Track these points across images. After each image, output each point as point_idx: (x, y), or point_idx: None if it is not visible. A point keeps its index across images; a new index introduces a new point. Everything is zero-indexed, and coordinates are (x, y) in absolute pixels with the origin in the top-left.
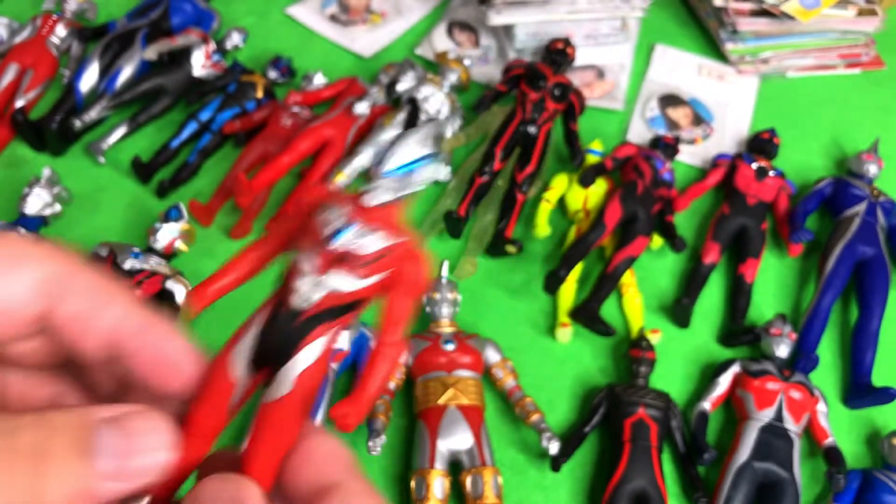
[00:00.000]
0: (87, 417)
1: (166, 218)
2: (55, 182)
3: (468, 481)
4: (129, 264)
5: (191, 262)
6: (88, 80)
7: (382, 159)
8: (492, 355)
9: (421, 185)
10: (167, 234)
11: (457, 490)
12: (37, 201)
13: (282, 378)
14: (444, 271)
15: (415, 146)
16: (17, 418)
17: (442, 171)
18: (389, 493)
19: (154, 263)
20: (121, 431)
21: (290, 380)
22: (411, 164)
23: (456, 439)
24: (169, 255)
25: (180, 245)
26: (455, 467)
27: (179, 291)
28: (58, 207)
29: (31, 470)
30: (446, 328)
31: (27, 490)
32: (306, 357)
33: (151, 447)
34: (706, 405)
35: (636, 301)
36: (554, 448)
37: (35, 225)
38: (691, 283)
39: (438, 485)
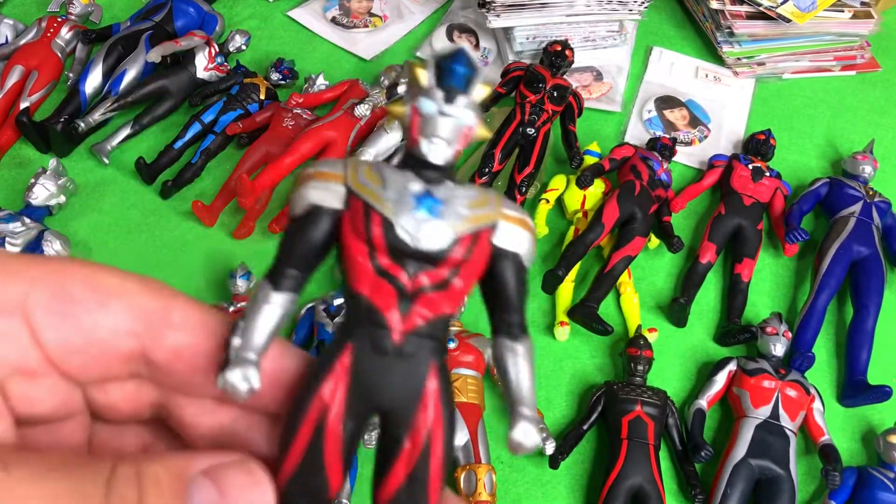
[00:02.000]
0: (184, 469)
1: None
2: (61, 173)
3: (462, 477)
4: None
5: (196, 263)
6: (93, 81)
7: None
8: None
9: None
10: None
11: (451, 486)
12: (42, 191)
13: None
14: None
15: None
16: (112, 467)
17: None
18: None
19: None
20: (217, 488)
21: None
22: None
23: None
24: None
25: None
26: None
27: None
28: (63, 199)
29: None
30: (450, 327)
31: None
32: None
33: (245, 501)
34: (703, 403)
35: (633, 300)
36: (549, 449)
37: (40, 215)
38: (688, 282)
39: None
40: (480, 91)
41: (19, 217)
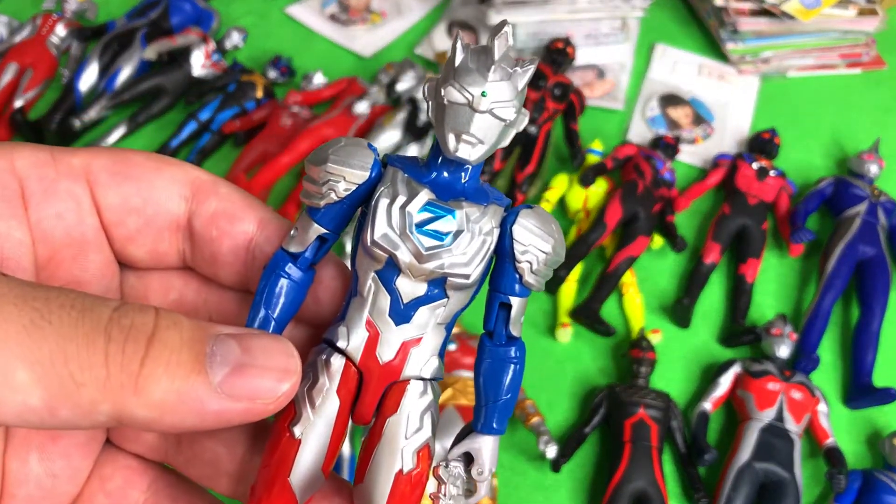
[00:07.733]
0: (207, 327)
1: None
2: None
3: None
4: None
5: None
6: (88, 79)
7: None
8: None
9: None
10: None
11: None
12: None
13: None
14: None
15: None
16: (141, 307)
17: None
18: None
19: None
20: (240, 343)
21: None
22: None
23: (452, 439)
24: None
25: None
26: None
27: None
28: None
29: (137, 351)
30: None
31: (127, 371)
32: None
33: (271, 365)
34: (707, 405)
35: (637, 301)
36: (551, 452)
37: None
38: (692, 283)
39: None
40: None
41: None
